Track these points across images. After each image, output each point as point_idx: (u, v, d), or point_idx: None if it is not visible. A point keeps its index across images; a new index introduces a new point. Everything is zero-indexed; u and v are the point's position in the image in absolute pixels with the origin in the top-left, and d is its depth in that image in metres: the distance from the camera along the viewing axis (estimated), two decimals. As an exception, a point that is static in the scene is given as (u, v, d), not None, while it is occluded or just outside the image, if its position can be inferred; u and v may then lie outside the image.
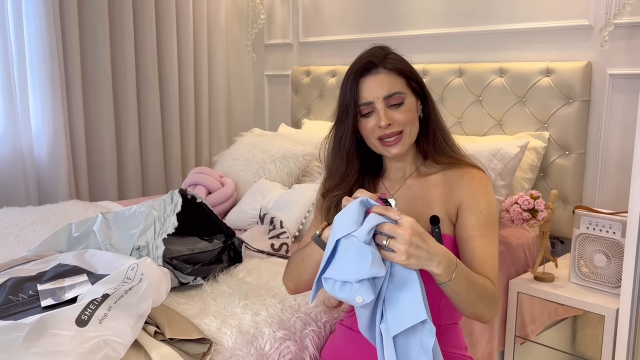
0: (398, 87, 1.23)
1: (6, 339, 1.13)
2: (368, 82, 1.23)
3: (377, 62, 1.23)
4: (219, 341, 1.34)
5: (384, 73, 1.23)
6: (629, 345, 1.62)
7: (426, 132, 1.29)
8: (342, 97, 1.26)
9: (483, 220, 1.21)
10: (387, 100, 1.21)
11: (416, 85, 1.27)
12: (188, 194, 1.79)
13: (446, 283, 1.06)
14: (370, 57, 1.25)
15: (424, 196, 1.27)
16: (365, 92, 1.22)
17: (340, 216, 1.04)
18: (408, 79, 1.25)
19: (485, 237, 1.21)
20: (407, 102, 1.23)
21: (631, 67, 2.15)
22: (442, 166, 1.28)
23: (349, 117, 1.23)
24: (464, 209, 1.23)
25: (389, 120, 1.20)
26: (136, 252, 1.63)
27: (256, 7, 3.52)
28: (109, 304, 1.27)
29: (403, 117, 1.22)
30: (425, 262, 1.01)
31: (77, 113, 2.96)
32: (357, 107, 1.23)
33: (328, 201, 1.29)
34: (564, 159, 2.31)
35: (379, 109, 1.21)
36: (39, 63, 2.75)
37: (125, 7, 3.07)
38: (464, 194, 1.23)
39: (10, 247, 2.00)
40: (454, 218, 1.24)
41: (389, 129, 1.21)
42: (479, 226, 1.21)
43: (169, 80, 3.32)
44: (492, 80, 2.48)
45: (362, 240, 0.98)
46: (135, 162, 3.23)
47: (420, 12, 2.80)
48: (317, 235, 1.14)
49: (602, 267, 1.88)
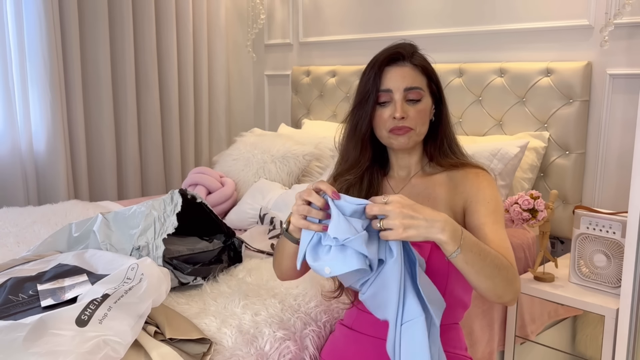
0: (419, 83, 1.25)
1: (6, 339, 1.13)
2: (392, 71, 1.24)
3: (406, 55, 1.25)
4: (219, 341, 1.34)
5: (410, 67, 1.25)
6: (629, 345, 1.62)
7: (435, 136, 1.31)
8: (364, 84, 1.26)
9: (492, 209, 1.21)
10: (406, 92, 1.23)
11: (435, 88, 1.28)
12: (188, 194, 1.79)
13: (456, 252, 1.02)
14: (399, 49, 1.26)
15: (428, 195, 1.28)
16: (387, 80, 1.24)
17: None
18: (430, 79, 1.27)
19: (497, 223, 1.20)
20: (424, 102, 1.25)
21: (631, 67, 2.15)
22: (446, 168, 1.30)
23: (369, 103, 1.24)
24: (471, 201, 1.23)
25: (403, 113, 1.21)
26: (136, 252, 1.63)
27: (256, 7, 3.52)
28: (109, 304, 1.27)
29: (417, 115, 1.23)
30: (427, 230, 0.99)
31: (76, 113, 2.96)
32: (377, 93, 1.24)
33: (339, 184, 1.31)
34: (564, 159, 2.31)
35: (396, 99, 1.23)
36: (38, 63, 2.75)
37: (125, 7, 3.07)
38: (469, 188, 1.24)
39: (10, 247, 2.00)
40: (460, 215, 1.25)
41: (401, 122, 1.22)
42: (489, 214, 1.21)
43: (168, 80, 3.32)
44: (492, 80, 2.48)
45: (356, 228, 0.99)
46: (135, 162, 3.23)
47: (420, 12, 2.80)
48: (285, 230, 1.18)
49: (602, 267, 1.88)
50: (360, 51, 3.10)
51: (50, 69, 2.77)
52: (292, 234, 1.16)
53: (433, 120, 1.30)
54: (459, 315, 1.31)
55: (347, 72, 3.08)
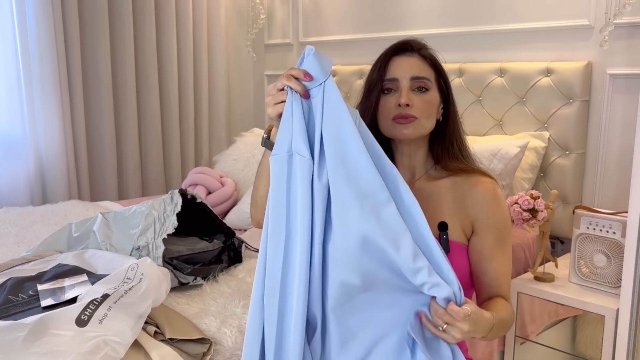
0: (427, 74, 1.22)
1: (6, 339, 1.13)
2: (399, 61, 1.22)
3: (415, 46, 1.23)
4: (219, 341, 1.34)
5: (418, 58, 1.22)
6: (629, 345, 1.62)
7: (442, 137, 1.26)
8: (370, 75, 1.24)
9: (501, 235, 1.21)
10: (413, 81, 1.20)
11: (444, 84, 1.25)
12: (188, 194, 1.79)
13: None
14: (409, 41, 1.24)
15: (433, 201, 1.23)
16: (394, 69, 1.21)
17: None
18: (438, 74, 1.24)
19: (503, 253, 1.21)
20: (431, 94, 1.21)
21: (631, 67, 2.15)
22: (452, 172, 1.25)
23: (374, 93, 1.21)
24: (480, 224, 1.21)
25: (408, 100, 1.18)
26: (136, 252, 1.63)
27: (256, 7, 3.52)
28: (108, 304, 1.27)
29: (423, 104, 1.19)
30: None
31: (77, 113, 2.96)
32: (382, 82, 1.21)
33: None
34: (564, 159, 2.31)
35: (402, 87, 1.19)
36: (39, 63, 2.76)
37: (125, 7, 3.07)
38: (479, 208, 1.21)
39: (10, 247, 2.00)
40: (467, 229, 1.22)
41: (406, 109, 1.18)
42: (497, 244, 1.20)
43: (169, 80, 3.32)
44: (492, 80, 2.48)
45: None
46: (135, 162, 3.23)
47: (420, 12, 2.80)
48: (266, 138, 1.10)
49: (602, 267, 1.88)
50: (360, 51, 3.10)
51: (51, 69, 2.77)
52: (274, 139, 1.07)
53: (440, 120, 1.25)
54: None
55: (347, 72, 3.08)
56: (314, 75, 1.00)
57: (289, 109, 1.00)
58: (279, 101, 1.02)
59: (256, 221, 1.21)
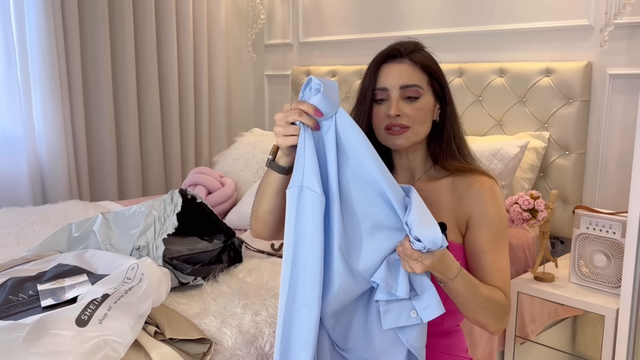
0: (418, 81, 1.20)
1: (6, 339, 1.13)
2: (389, 68, 1.21)
3: (404, 52, 1.21)
4: (219, 341, 1.34)
5: (408, 64, 1.21)
6: (629, 345, 1.62)
7: (440, 138, 1.25)
8: (362, 82, 1.24)
9: (494, 232, 1.20)
10: (402, 90, 1.19)
11: (438, 87, 1.24)
12: (188, 194, 1.79)
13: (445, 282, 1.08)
14: (399, 46, 1.23)
15: (432, 202, 1.22)
16: (384, 78, 1.20)
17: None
18: (431, 77, 1.22)
19: (497, 250, 1.19)
20: (423, 100, 1.20)
21: (631, 67, 2.15)
22: (451, 172, 1.25)
23: (366, 101, 1.21)
24: (474, 220, 1.20)
25: (398, 111, 1.17)
26: (136, 252, 1.63)
27: (256, 7, 3.52)
28: (109, 304, 1.27)
29: (414, 113, 1.19)
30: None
31: (77, 113, 2.96)
32: (373, 91, 1.21)
33: None
34: (564, 159, 2.31)
35: (392, 97, 1.19)
36: (39, 63, 2.75)
37: (125, 7, 3.07)
38: (474, 205, 1.21)
39: (10, 247, 2.00)
40: (463, 228, 1.22)
41: (396, 119, 1.18)
42: (490, 240, 1.19)
43: (169, 80, 3.32)
44: (492, 80, 2.49)
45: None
46: (136, 162, 3.23)
47: (420, 12, 2.80)
48: (271, 160, 1.11)
49: (602, 267, 1.88)
50: (360, 51, 3.10)
51: (51, 69, 2.77)
52: (279, 161, 1.09)
53: (437, 121, 1.25)
54: (460, 317, 1.29)
55: (347, 72, 3.08)
56: (324, 112, 1.00)
57: (302, 145, 1.01)
58: (290, 134, 1.03)
59: (255, 232, 1.23)
